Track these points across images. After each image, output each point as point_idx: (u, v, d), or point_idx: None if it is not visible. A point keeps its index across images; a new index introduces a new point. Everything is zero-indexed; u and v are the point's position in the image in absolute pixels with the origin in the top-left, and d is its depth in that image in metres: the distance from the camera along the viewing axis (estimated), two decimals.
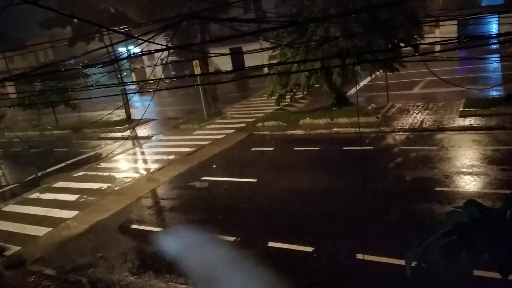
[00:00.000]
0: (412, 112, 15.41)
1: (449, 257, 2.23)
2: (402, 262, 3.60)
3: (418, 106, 16.20)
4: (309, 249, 7.44)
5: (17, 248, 9.46)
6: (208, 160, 14.11)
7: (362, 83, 22.73)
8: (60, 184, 14.17)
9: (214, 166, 13.45)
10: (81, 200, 12.17)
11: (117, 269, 7.88)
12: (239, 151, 14.80)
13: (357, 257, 6.88)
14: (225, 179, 11.98)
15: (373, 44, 14.77)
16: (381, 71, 17.21)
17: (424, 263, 2.50)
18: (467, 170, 9.82)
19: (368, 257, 6.70)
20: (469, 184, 9.14)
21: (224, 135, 17.12)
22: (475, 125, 12.78)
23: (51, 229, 10.27)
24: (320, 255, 7.25)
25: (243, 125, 18.18)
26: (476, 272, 5.08)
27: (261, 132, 16.80)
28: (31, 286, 7.74)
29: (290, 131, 16.12)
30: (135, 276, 7.53)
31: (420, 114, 15.02)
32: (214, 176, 12.39)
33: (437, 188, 9.09)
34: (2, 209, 12.47)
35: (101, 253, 8.58)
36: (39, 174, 15.76)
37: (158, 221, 10.09)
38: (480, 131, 12.42)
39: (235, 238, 8.29)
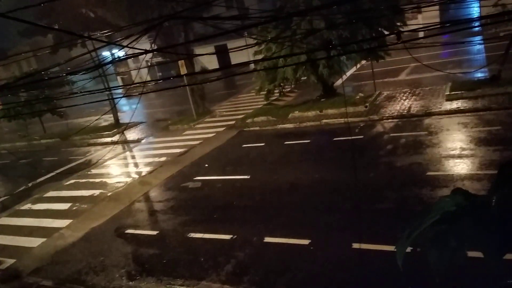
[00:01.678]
0: (399, 99, 15.50)
1: (438, 247, 2.25)
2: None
3: (405, 92, 16.31)
4: (306, 241, 7.46)
5: (11, 261, 9.36)
6: (199, 159, 14.07)
7: (348, 73, 22.79)
8: (51, 193, 14.02)
9: (206, 165, 13.41)
10: (74, 208, 12.06)
11: (114, 275, 7.83)
12: (230, 149, 14.77)
13: (353, 247, 6.92)
14: (218, 177, 11.96)
15: (357, 34, 14.82)
16: (366, 60, 17.28)
17: (416, 253, 2.52)
18: (457, 153, 9.92)
19: (365, 246, 6.75)
20: (460, 166, 9.23)
21: (214, 134, 17.07)
22: (462, 108, 12.90)
23: (45, 239, 10.17)
24: (316, 247, 7.27)
25: (232, 122, 18.14)
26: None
27: (251, 128, 16.79)
28: None
29: (280, 125, 16.12)
30: (134, 281, 7.50)
31: (407, 100, 15.12)
32: (206, 175, 12.35)
33: (428, 173, 9.16)
34: None
35: (103, 258, 8.53)
36: (30, 184, 15.57)
37: (153, 224, 10.04)
38: (467, 114, 12.54)
39: (231, 236, 8.28)
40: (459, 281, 4.99)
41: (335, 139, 13.23)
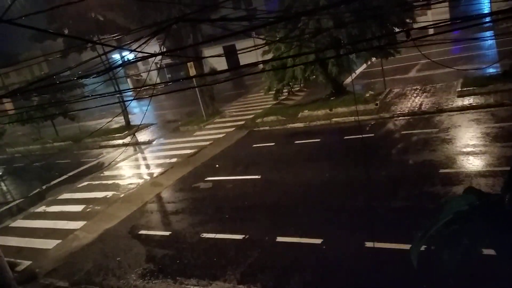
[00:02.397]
0: (410, 96, 15.39)
1: (451, 246, 2.25)
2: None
3: (415, 89, 16.18)
4: (318, 241, 7.46)
5: (28, 262, 9.52)
6: (210, 160, 14.13)
7: (358, 71, 22.70)
8: (65, 195, 14.21)
9: (217, 165, 13.47)
10: (88, 210, 12.21)
11: (129, 275, 7.92)
12: (240, 149, 14.82)
13: (366, 245, 6.90)
14: (228, 178, 12.01)
15: (366, 32, 14.73)
16: (376, 57, 17.18)
17: (430, 251, 2.52)
18: (469, 150, 9.82)
19: (378, 244, 6.72)
20: (473, 163, 9.14)
21: (224, 134, 17.13)
22: (474, 104, 12.76)
23: (60, 241, 10.32)
24: (329, 246, 7.27)
25: (242, 122, 18.18)
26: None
27: (261, 128, 16.81)
28: None
29: (289, 125, 16.12)
30: (148, 281, 7.57)
31: (418, 97, 15.00)
32: (217, 175, 12.41)
33: (441, 170, 9.09)
34: (10, 225, 12.53)
35: (117, 259, 8.63)
36: (44, 187, 15.80)
37: (165, 225, 10.13)
38: (479, 110, 12.40)
39: (244, 236, 8.31)
40: (472, 279, 4.96)
41: (345, 137, 13.18)
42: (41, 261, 9.45)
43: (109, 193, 13.19)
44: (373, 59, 18.81)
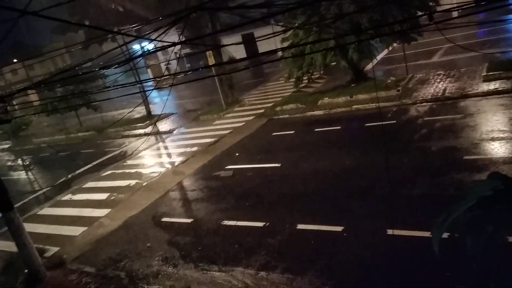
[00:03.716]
0: (433, 82, 15.03)
1: (475, 231, 2.20)
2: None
3: (439, 74, 15.78)
4: (339, 228, 7.45)
5: (55, 249, 9.85)
6: (230, 148, 14.21)
7: (379, 57, 22.28)
8: (90, 184, 14.58)
9: (237, 154, 13.54)
10: (112, 198, 12.50)
11: (152, 262, 8.11)
12: (260, 137, 14.83)
13: (387, 233, 6.86)
14: (249, 166, 12.06)
15: (388, 16, 14.40)
16: (397, 42, 16.81)
17: (454, 238, 2.48)
18: (495, 136, 9.56)
19: (399, 232, 6.67)
20: (498, 150, 8.91)
21: (244, 123, 17.16)
22: (500, 89, 12.37)
23: (86, 228, 10.62)
24: (350, 234, 7.25)
25: (262, 111, 18.16)
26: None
27: (281, 116, 16.76)
28: (72, 284, 8.06)
29: (309, 113, 16.01)
30: (171, 267, 7.74)
31: (441, 82, 14.64)
32: (238, 164, 12.48)
33: (466, 157, 8.90)
34: (38, 213, 12.96)
35: (141, 245, 8.84)
36: (69, 176, 16.24)
37: (187, 213, 10.29)
38: (505, 95, 12.02)
39: (264, 223, 8.38)
40: (496, 266, 4.87)
41: (366, 124, 13.02)
42: (68, 248, 9.77)
43: (132, 182, 13.46)
44: (395, 44, 18.42)
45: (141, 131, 21.16)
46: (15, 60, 45.24)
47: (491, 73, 13.41)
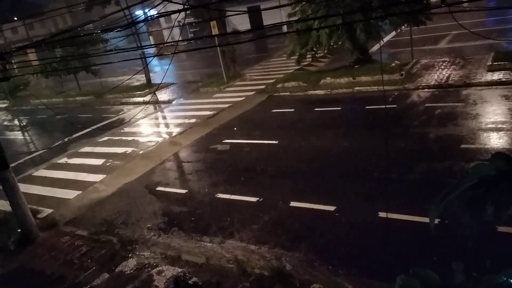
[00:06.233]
0: (437, 68, 14.87)
1: (473, 211, 2.18)
2: (426, 219, 3.57)
3: (444, 61, 15.60)
4: (331, 208, 7.50)
5: (49, 210, 9.91)
6: (229, 122, 14.15)
7: (385, 39, 21.95)
8: (86, 149, 14.56)
9: (235, 128, 13.49)
10: (107, 164, 12.51)
11: (145, 229, 8.18)
12: (259, 113, 14.75)
13: (379, 215, 6.91)
14: (246, 141, 12.04)
15: None
16: (405, 25, 16.51)
17: (448, 219, 2.47)
18: (494, 126, 9.53)
19: (391, 215, 6.72)
20: (497, 140, 8.90)
21: (244, 98, 17.03)
22: (504, 80, 12.26)
23: (80, 192, 10.67)
24: (342, 214, 7.31)
25: (263, 86, 18.00)
26: (501, 229, 5.05)
27: (281, 93, 16.63)
28: (64, 246, 8.15)
29: (310, 92, 15.88)
30: (163, 236, 7.82)
31: (446, 69, 14.49)
32: (235, 138, 12.45)
33: (463, 146, 8.90)
34: (33, 174, 12.98)
35: (134, 212, 8.90)
36: (66, 139, 16.20)
37: (182, 183, 10.32)
38: (509, 86, 11.92)
39: (258, 198, 8.42)
40: (490, 251, 4.93)
41: (367, 107, 12.95)
42: (62, 210, 9.83)
43: (129, 149, 13.44)
44: (403, 27, 18.11)
45: (140, 99, 21.00)
46: (15, 18, 44.41)
47: (497, 63, 13.25)
